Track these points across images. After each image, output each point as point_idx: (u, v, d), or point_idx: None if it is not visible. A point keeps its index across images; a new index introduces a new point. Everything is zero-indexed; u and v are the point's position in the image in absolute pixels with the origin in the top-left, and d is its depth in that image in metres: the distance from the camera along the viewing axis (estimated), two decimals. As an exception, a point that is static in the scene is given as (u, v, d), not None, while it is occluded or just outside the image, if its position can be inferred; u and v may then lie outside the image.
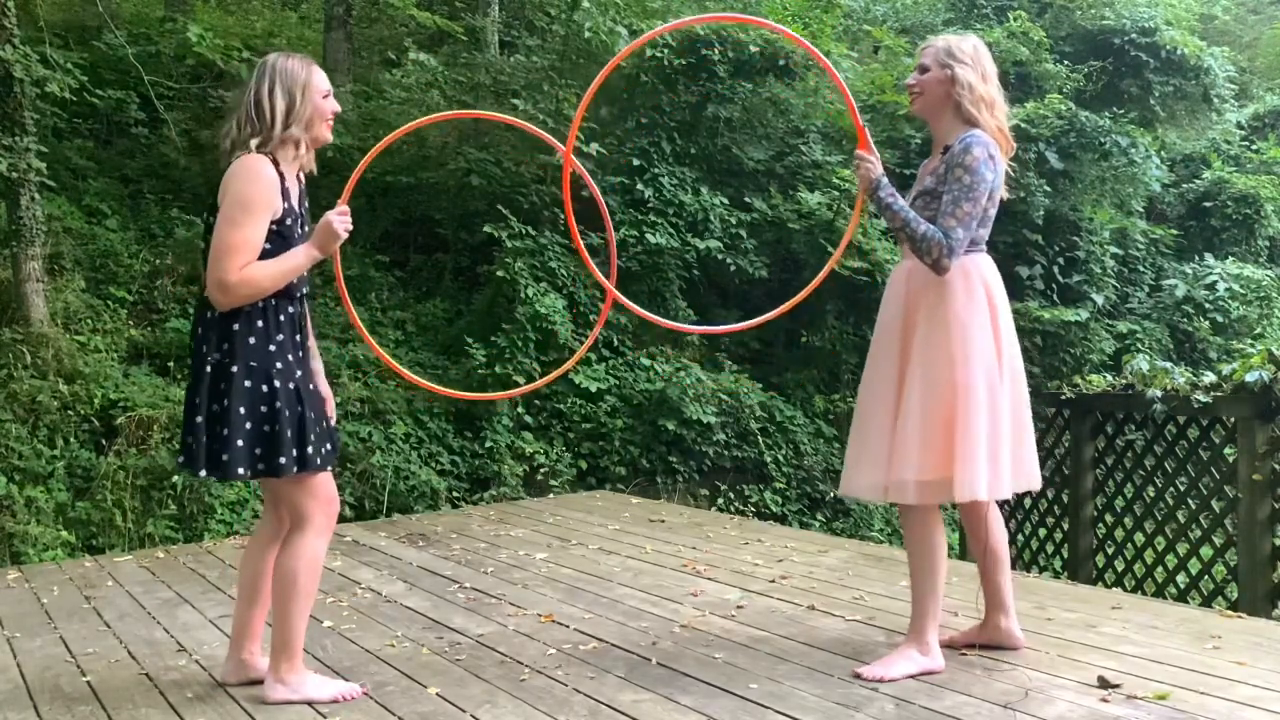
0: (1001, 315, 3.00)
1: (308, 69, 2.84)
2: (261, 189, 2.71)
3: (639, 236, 8.19)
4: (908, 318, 3.00)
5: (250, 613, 2.99)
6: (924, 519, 2.99)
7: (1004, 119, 3.03)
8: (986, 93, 2.99)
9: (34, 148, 6.15)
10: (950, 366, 2.89)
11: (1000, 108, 3.03)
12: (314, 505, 2.84)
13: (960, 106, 2.98)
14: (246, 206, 2.69)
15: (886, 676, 2.92)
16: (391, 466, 6.47)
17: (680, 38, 8.87)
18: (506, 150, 8.56)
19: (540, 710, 2.80)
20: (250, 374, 2.72)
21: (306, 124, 2.82)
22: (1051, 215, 9.99)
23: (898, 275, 3.11)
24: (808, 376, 8.68)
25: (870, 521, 8.05)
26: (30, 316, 6.20)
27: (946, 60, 2.99)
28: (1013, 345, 3.03)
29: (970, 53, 3.01)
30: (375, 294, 8.15)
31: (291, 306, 2.85)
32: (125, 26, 9.22)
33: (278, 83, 2.78)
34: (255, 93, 2.78)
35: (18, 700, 3.00)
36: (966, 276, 2.95)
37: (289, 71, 2.80)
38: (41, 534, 5.28)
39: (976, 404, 2.86)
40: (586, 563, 4.64)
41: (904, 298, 3.03)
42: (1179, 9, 14.39)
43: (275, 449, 2.72)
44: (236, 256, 2.67)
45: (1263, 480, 4.52)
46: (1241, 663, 3.02)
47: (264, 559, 2.97)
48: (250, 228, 2.69)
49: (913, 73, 3.10)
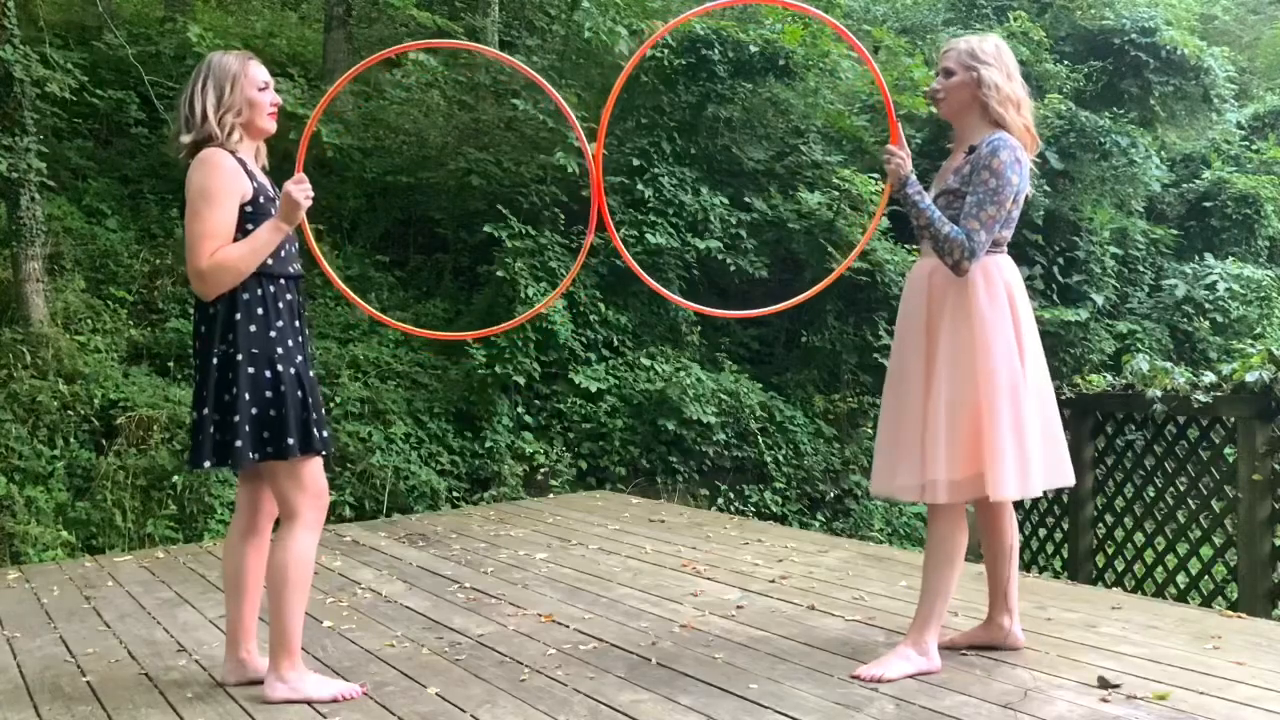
0: (1023, 314, 3.00)
1: (241, 62, 2.88)
2: (220, 177, 2.77)
3: (639, 236, 8.19)
4: (931, 317, 2.99)
5: (239, 609, 2.99)
6: (950, 519, 2.97)
7: (1030, 117, 3.04)
8: (1013, 92, 2.98)
9: (34, 148, 6.16)
10: (974, 365, 2.90)
11: (1026, 105, 3.03)
12: (302, 499, 2.85)
13: (988, 108, 2.97)
14: (207, 196, 2.76)
15: (885, 677, 2.92)
16: (391, 466, 6.47)
17: (680, 38, 8.87)
18: (506, 150, 8.56)
19: (540, 710, 2.80)
20: (254, 361, 2.78)
21: (239, 114, 2.85)
22: (1051, 215, 10.00)
23: (919, 273, 3.08)
24: (808, 376, 8.68)
25: (870, 521, 8.05)
26: (30, 316, 6.20)
27: (970, 63, 2.98)
28: (1035, 344, 3.04)
29: (993, 53, 3.00)
30: (375, 294, 8.15)
31: (289, 294, 2.90)
32: (125, 26, 9.23)
33: (210, 78, 2.84)
34: (189, 91, 2.85)
35: (18, 700, 3.00)
36: (988, 276, 2.95)
37: (222, 66, 2.85)
38: (41, 534, 5.28)
39: (1002, 402, 2.88)
40: (586, 563, 4.64)
41: (927, 296, 3.01)
42: (1179, 9, 14.40)
43: (281, 431, 2.77)
44: (204, 244, 2.74)
45: (1262, 480, 4.52)
46: (1241, 663, 3.02)
47: (241, 553, 2.98)
48: (213, 216, 2.75)
49: (936, 78, 3.08)
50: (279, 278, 2.88)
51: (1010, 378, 2.90)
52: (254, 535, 2.99)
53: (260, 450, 2.78)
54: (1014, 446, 2.88)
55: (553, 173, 8.22)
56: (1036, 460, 2.93)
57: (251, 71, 2.88)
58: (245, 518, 3.00)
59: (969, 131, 3.04)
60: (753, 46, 8.96)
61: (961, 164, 3.00)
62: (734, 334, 9.04)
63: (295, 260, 2.96)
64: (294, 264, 2.94)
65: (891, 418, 3.08)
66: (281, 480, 2.85)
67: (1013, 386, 2.90)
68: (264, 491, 2.97)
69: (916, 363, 3.01)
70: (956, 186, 2.98)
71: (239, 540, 2.99)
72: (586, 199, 8.45)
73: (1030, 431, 2.92)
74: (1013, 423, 2.88)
